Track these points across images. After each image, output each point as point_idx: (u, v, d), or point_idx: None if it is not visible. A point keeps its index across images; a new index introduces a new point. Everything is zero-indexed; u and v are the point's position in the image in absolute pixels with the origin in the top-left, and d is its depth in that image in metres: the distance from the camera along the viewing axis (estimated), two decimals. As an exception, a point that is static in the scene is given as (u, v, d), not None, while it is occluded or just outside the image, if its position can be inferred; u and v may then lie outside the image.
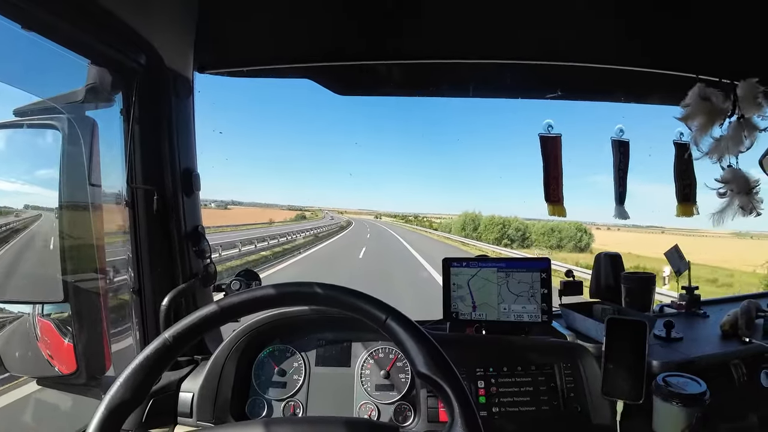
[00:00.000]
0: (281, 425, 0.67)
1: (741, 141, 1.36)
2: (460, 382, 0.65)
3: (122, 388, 0.65)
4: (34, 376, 1.13)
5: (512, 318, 1.31)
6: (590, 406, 1.13)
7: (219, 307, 0.72)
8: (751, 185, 1.39)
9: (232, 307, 0.73)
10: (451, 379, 0.65)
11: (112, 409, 0.64)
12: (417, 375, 0.67)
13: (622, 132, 1.66)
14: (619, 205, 1.69)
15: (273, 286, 0.74)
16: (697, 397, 1.01)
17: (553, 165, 1.62)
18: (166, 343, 0.68)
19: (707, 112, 1.35)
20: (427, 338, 0.68)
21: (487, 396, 1.16)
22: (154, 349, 0.68)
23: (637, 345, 1.03)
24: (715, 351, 1.29)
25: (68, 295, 1.02)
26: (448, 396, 0.64)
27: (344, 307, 0.72)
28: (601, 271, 1.70)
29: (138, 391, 0.66)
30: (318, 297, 0.73)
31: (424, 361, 0.66)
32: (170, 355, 0.69)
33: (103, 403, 0.64)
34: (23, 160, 1.11)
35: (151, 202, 1.17)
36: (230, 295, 0.75)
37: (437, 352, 0.68)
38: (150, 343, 0.69)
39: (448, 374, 0.66)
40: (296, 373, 1.23)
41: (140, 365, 0.67)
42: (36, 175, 1.10)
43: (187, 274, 1.27)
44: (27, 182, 1.11)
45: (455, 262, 1.36)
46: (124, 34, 1.02)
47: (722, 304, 1.77)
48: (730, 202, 1.41)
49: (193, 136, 1.29)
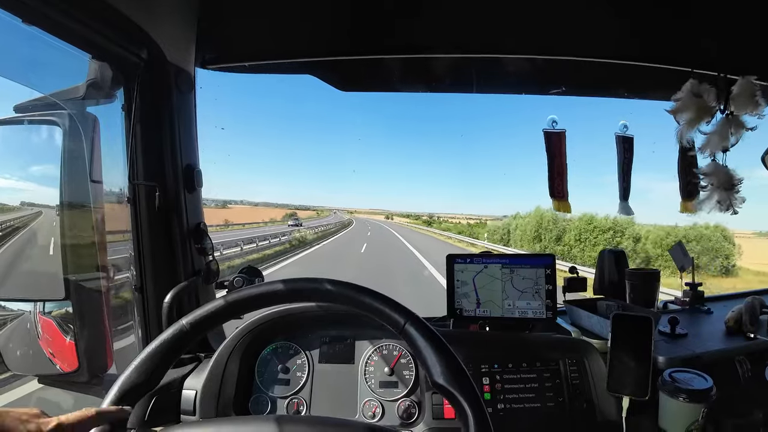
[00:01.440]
0: (283, 423, 0.66)
1: (727, 137, 1.35)
2: (478, 396, 0.65)
3: (136, 371, 0.66)
4: (36, 374, 1.12)
5: (516, 314, 1.30)
6: (596, 402, 1.13)
7: (237, 297, 0.73)
8: (733, 182, 1.38)
9: (250, 299, 0.73)
10: (468, 394, 0.64)
11: (125, 391, 0.65)
12: (433, 385, 0.66)
13: (626, 128, 1.66)
14: (623, 201, 1.69)
15: (293, 280, 0.74)
16: (703, 393, 1.01)
17: (557, 160, 1.61)
18: (182, 330, 0.69)
19: (697, 108, 1.35)
20: (446, 348, 0.68)
21: (492, 392, 1.15)
22: (170, 335, 0.69)
23: (643, 341, 1.02)
24: (720, 347, 1.29)
25: (69, 292, 1.02)
26: (464, 409, 0.63)
27: (362, 307, 0.72)
28: (605, 267, 1.69)
29: (151, 375, 0.67)
30: (336, 295, 0.73)
31: (442, 371, 0.65)
32: (185, 342, 0.70)
33: (116, 385, 0.65)
34: (24, 156, 1.10)
35: (152, 198, 1.16)
36: (249, 287, 0.76)
37: (456, 363, 0.67)
38: (166, 329, 0.70)
39: (466, 388, 0.65)
40: (300, 370, 1.23)
41: (156, 350, 0.68)
42: (36, 172, 1.10)
43: (190, 272, 1.27)
44: (27, 179, 1.10)
45: (459, 259, 1.35)
46: (126, 29, 1.01)
47: (726, 301, 1.77)
48: (709, 195, 1.42)
49: (195, 132, 1.28)
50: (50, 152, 1.01)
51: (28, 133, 1.09)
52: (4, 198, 1.08)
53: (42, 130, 1.06)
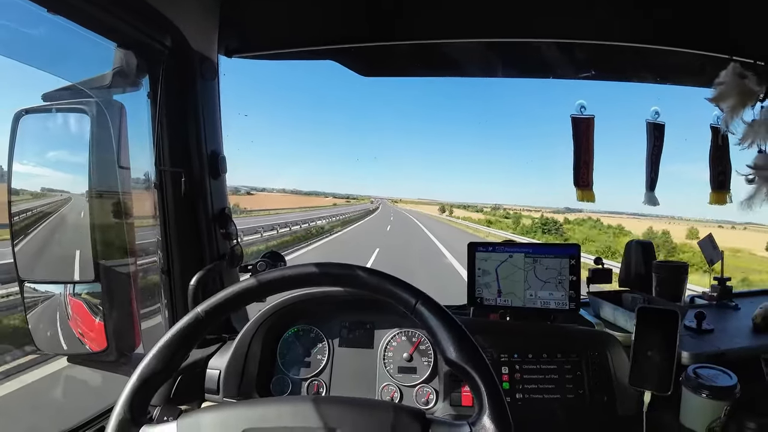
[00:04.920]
0: (305, 403, 0.68)
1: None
2: (490, 370, 0.65)
3: (155, 359, 0.68)
4: (66, 353, 1.16)
5: (538, 305, 1.29)
6: (616, 395, 1.12)
7: (251, 283, 0.74)
8: None
9: (263, 285, 0.74)
10: (481, 368, 0.64)
11: (145, 379, 0.67)
12: (446, 362, 0.67)
13: (657, 114, 1.60)
14: (649, 191, 1.64)
15: (303, 265, 0.74)
16: (727, 390, 0.99)
17: (584, 148, 1.57)
18: (198, 317, 0.70)
19: (741, 91, 1.27)
20: (457, 325, 0.68)
21: (511, 382, 1.15)
22: (186, 323, 0.70)
23: (668, 335, 1.00)
24: (746, 344, 1.26)
25: (99, 274, 1.05)
26: (477, 384, 0.64)
27: (373, 289, 0.72)
28: (631, 259, 1.65)
29: (170, 362, 0.68)
30: (346, 278, 0.73)
31: (454, 348, 0.66)
32: (202, 328, 0.71)
33: (135, 373, 0.67)
34: (52, 143, 1.12)
35: (178, 184, 1.18)
36: (261, 272, 0.76)
37: (467, 339, 0.67)
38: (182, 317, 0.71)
39: (479, 363, 0.65)
40: (320, 353, 1.25)
41: (173, 338, 0.69)
42: (65, 159, 1.12)
43: (215, 255, 1.29)
44: (56, 166, 1.13)
45: (481, 247, 1.34)
46: (149, 17, 1.01)
47: (754, 297, 1.73)
48: (758, 189, 1.35)
49: (219, 119, 1.29)
50: (78, 139, 1.03)
51: (56, 120, 1.11)
52: (35, 184, 1.11)
53: (70, 117, 1.08)
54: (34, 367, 1.89)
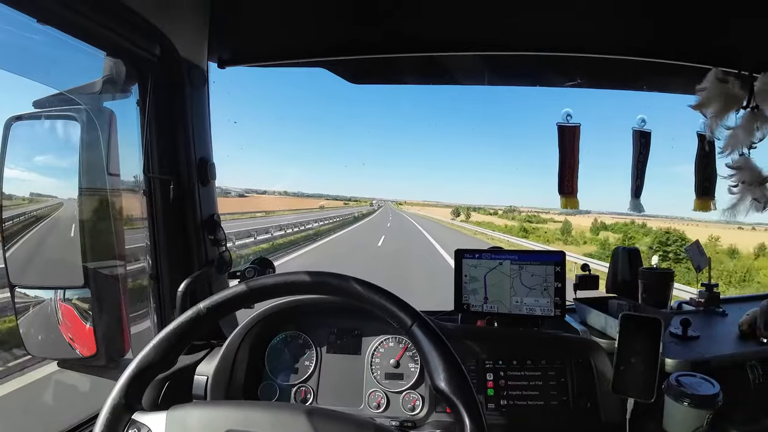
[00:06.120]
0: (288, 411, 0.69)
1: (752, 132, 1.31)
2: (478, 407, 0.64)
3: (154, 350, 0.70)
4: (56, 358, 1.16)
5: (524, 311, 1.30)
6: (600, 402, 1.13)
7: (251, 285, 0.75)
8: (764, 177, 1.33)
9: (264, 288, 0.76)
10: (469, 404, 0.64)
11: (142, 368, 0.69)
12: (434, 388, 0.66)
13: (644, 122, 1.62)
14: (634, 198, 1.65)
15: (305, 272, 0.75)
16: (709, 399, 0.99)
17: (570, 155, 1.58)
18: (199, 313, 0.72)
19: (724, 96, 1.29)
20: (451, 354, 0.68)
21: (496, 389, 1.16)
22: (187, 318, 0.72)
23: (651, 343, 1.01)
24: (731, 351, 1.26)
25: (88, 280, 1.06)
26: (462, 418, 0.63)
27: (370, 304, 0.73)
28: (618, 265, 1.66)
29: (167, 355, 0.70)
30: (345, 290, 0.74)
31: (444, 377, 0.65)
32: (202, 324, 0.73)
33: (134, 362, 0.69)
34: (43, 150, 1.13)
35: (167, 191, 1.19)
36: (263, 276, 0.78)
37: (460, 371, 0.66)
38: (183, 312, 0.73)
39: (468, 398, 0.64)
40: (308, 359, 1.26)
41: (173, 331, 0.71)
42: (56, 165, 1.13)
43: (203, 261, 1.30)
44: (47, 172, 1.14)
45: (468, 254, 1.35)
46: (139, 26, 1.03)
47: (742, 303, 1.72)
48: (742, 197, 1.36)
49: (208, 126, 1.30)
50: (69, 146, 1.04)
51: (47, 127, 1.12)
52: (25, 190, 1.12)
53: (61, 125, 1.09)
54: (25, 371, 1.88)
